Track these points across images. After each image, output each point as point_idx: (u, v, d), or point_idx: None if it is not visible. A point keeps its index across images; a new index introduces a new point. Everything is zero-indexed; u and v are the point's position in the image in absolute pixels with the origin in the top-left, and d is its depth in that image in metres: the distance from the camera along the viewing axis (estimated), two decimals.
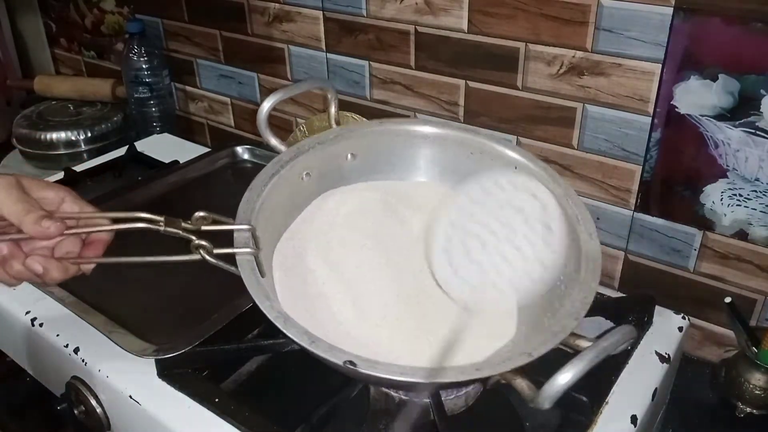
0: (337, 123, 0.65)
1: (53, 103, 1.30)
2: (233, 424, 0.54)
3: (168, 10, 1.20)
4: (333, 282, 0.57)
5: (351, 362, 0.44)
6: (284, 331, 0.46)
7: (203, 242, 0.50)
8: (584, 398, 0.54)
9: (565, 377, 0.42)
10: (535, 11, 0.79)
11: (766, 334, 0.69)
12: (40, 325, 0.66)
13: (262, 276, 0.51)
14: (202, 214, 0.51)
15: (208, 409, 0.55)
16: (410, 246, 0.61)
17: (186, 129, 1.31)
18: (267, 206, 0.56)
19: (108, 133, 1.22)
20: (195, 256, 0.50)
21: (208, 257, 0.50)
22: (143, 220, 0.50)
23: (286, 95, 0.61)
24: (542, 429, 0.60)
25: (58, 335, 0.65)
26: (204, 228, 0.51)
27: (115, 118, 1.25)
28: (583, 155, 0.83)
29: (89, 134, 1.20)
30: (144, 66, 1.18)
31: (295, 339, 0.46)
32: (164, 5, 1.20)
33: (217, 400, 0.56)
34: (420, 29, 0.90)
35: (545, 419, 0.61)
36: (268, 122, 0.60)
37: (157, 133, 1.21)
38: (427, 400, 0.56)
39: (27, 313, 0.68)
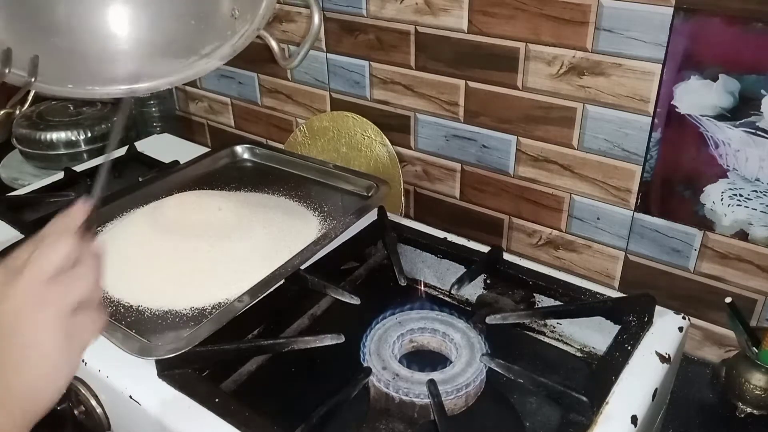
0: None
1: (53, 103, 1.30)
2: (233, 424, 0.54)
3: None
4: None
5: None
6: None
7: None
8: (584, 398, 0.54)
9: (302, 52, 0.83)
10: (535, 11, 0.79)
11: (766, 334, 0.69)
12: None
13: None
14: None
15: (208, 409, 0.55)
16: None
17: (186, 129, 1.31)
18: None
19: (108, 133, 1.22)
20: None
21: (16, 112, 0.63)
22: None
23: None
24: (542, 429, 0.60)
25: None
26: None
27: (115, 118, 1.24)
28: (583, 155, 0.83)
29: (89, 134, 1.20)
30: None
31: None
32: None
33: (217, 400, 0.56)
34: (420, 29, 0.90)
35: (545, 419, 0.61)
36: None
37: (158, 134, 1.21)
38: (428, 400, 0.56)
39: None
